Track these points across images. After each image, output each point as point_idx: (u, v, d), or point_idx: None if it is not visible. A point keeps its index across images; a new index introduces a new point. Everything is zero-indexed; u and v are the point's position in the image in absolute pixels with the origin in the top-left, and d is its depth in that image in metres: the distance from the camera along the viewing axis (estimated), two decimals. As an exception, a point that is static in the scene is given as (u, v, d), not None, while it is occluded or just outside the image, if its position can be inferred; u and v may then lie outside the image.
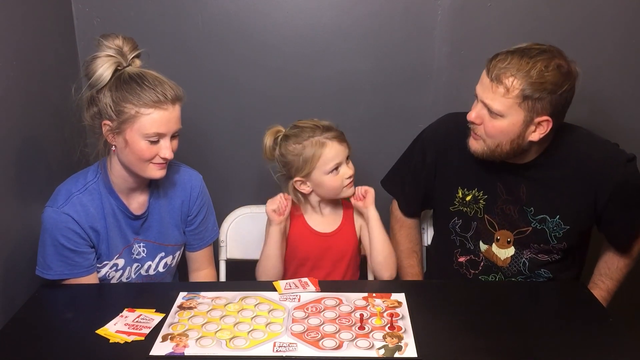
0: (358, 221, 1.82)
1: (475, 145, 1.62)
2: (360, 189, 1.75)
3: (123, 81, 1.49)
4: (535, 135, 1.54)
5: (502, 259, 1.72)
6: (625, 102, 2.12)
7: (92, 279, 1.60)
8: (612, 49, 2.06)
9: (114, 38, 1.51)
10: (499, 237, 1.71)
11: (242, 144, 2.18)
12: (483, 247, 1.75)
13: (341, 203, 1.86)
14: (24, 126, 1.71)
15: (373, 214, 1.73)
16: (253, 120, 2.15)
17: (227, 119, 2.16)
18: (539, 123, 1.52)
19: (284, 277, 1.77)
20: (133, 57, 1.53)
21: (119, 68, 1.50)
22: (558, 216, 1.65)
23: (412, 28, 2.06)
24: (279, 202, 1.71)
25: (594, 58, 2.07)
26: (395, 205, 1.95)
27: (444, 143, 1.76)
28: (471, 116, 1.58)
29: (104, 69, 1.48)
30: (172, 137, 1.54)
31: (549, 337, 1.34)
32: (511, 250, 1.71)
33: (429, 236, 2.01)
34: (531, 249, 1.70)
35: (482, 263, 1.76)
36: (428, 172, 1.80)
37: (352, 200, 1.76)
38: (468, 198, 1.72)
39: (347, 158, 1.73)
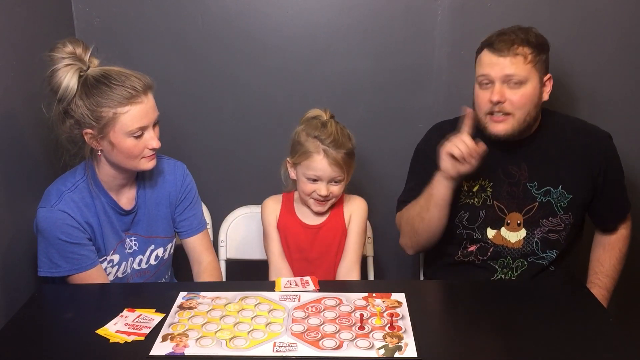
0: (348, 214, 1.81)
1: (502, 126, 1.66)
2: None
3: (91, 86, 1.48)
4: (546, 94, 1.70)
5: (513, 241, 1.77)
6: (625, 102, 2.12)
7: (99, 271, 1.60)
8: (612, 49, 2.06)
9: (63, 46, 1.49)
10: (509, 221, 1.76)
11: (242, 143, 2.18)
12: (491, 233, 1.78)
13: None
14: (24, 126, 1.71)
15: None
16: (253, 120, 2.16)
17: (227, 119, 2.16)
18: (545, 82, 1.69)
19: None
20: (90, 57, 1.52)
21: (82, 73, 1.50)
22: (561, 186, 1.74)
23: (412, 28, 2.06)
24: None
25: (594, 58, 2.07)
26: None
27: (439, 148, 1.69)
28: (495, 97, 1.63)
29: (68, 79, 1.47)
30: (153, 125, 1.55)
31: (549, 337, 1.34)
32: (523, 232, 1.76)
33: None
34: (541, 228, 1.75)
35: (491, 249, 1.79)
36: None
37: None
38: (475, 188, 1.76)
39: (335, 181, 1.71)
